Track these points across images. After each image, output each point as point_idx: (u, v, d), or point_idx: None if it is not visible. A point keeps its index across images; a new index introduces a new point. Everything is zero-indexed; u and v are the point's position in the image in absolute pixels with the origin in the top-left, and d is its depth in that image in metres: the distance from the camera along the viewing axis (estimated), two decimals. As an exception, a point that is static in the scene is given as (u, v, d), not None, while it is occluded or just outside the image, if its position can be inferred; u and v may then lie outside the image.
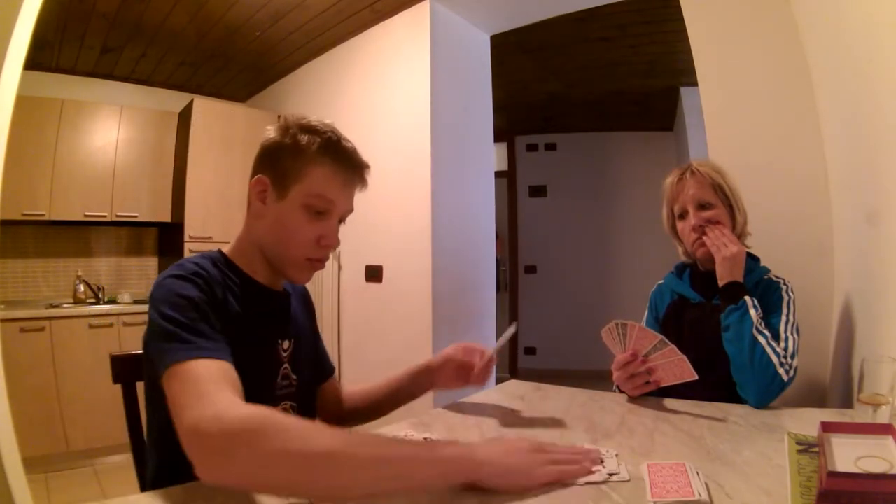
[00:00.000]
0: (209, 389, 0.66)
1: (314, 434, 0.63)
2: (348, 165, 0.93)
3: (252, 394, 0.82)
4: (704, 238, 1.27)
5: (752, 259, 1.33)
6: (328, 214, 0.92)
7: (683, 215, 1.33)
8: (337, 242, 0.96)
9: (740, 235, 1.32)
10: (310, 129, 0.92)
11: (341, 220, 0.97)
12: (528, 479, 0.69)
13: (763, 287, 1.27)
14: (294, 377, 0.98)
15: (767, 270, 1.32)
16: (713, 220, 1.29)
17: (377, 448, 0.64)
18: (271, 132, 0.94)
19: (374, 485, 0.63)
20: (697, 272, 1.37)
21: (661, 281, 1.46)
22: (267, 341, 0.95)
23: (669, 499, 0.65)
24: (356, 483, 0.62)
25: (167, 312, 0.76)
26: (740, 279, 1.21)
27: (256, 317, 0.92)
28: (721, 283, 1.21)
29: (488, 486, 0.67)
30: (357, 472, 0.61)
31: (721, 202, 1.30)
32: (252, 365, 0.86)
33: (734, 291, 1.19)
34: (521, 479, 0.68)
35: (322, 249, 0.94)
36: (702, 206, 1.30)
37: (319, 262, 0.96)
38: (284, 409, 0.95)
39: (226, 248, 0.98)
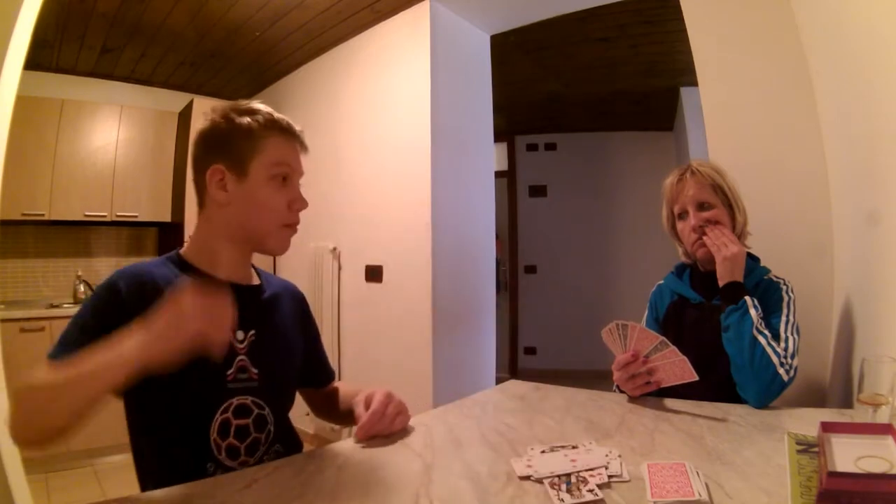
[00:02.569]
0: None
1: (39, 376, 0.76)
2: (293, 132, 0.99)
3: (200, 385, 0.87)
4: (704, 238, 1.27)
5: (752, 259, 1.33)
6: (290, 179, 0.98)
7: (683, 216, 1.33)
8: (306, 203, 1.00)
9: (740, 236, 1.32)
10: (248, 111, 0.97)
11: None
12: (171, 347, 0.72)
13: (763, 287, 1.27)
14: (254, 371, 0.94)
15: (768, 271, 1.32)
16: (713, 220, 1.29)
17: (73, 370, 0.73)
18: (206, 124, 0.99)
19: (81, 398, 0.73)
20: (697, 272, 1.37)
21: (661, 281, 1.46)
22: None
23: (669, 499, 0.65)
24: (72, 399, 0.73)
25: (78, 310, 0.87)
26: (740, 279, 1.21)
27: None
28: (721, 283, 1.21)
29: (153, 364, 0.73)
30: (67, 393, 0.73)
31: (721, 202, 1.30)
32: (194, 359, 0.85)
33: (734, 291, 1.19)
34: (166, 351, 0.72)
35: (294, 213, 0.98)
36: (702, 207, 1.30)
37: (294, 227, 1.00)
38: (242, 404, 0.92)
39: (183, 249, 1.01)
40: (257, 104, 0.98)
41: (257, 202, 0.95)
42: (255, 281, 1.05)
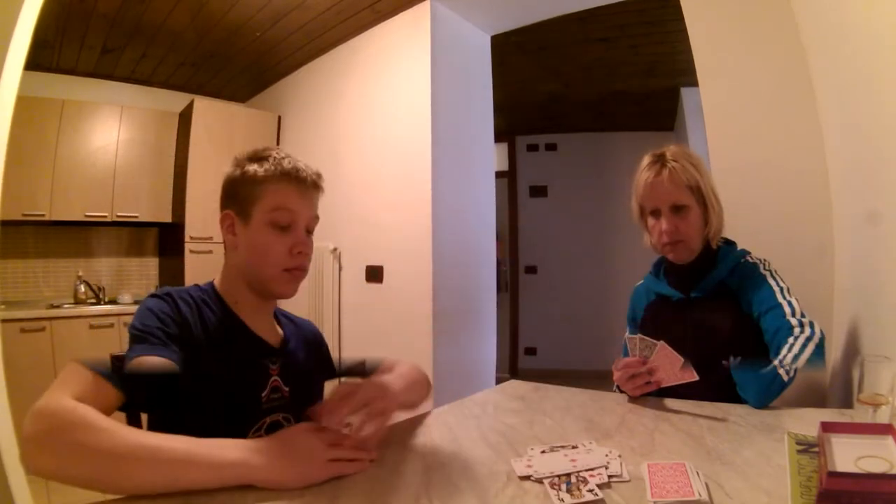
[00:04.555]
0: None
1: (109, 432, 0.68)
2: (298, 176, 0.99)
3: (235, 408, 0.90)
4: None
5: (727, 244, 1.32)
6: (294, 225, 0.99)
7: (656, 213, 1.29)
8: (309, 250, 1.01)
9: (713, 237, 1.28)
10: (257, 158, 1.00)
11: (309, 230, 1.03)
12: (305, 480, 0.72)
13: (741, 270, 1.26)
14: (286, 388, 1.00)
15: (745, 252, 1.30)
16: (682, 227, 1.25)
17: (157, 450, 0.68)
18: (227, 172, 1.02)
19: (152, 483, 0.67)
20: (671, 266, 1.35)
21: (640, 282, 1.45)
22: (245, 359, 0.97)
23: (669, 499, 0.65)
24: (138, 481, 0.67)
25: (133, 322, 0.88)
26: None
27: (234, 346, 0.96)
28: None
29: (266, 487, 0.70)
30: (137, 471, 0.66)
31: (696, 202, 1.26)
32: (233, 381, 0.91)
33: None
34: (298, 481, 0.71)
35: (296, 258, 0.99)
36: (676, 209, 1.25)
37: (299, 272, 1.00)
38: (275, 421, 0.96)
39: (216, 280, 1.04)
40: (275, 150, 1.01)
41: (258, 246, 0.97)
42: (278, 333, 1.08)
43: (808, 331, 1.09)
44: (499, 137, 4.00)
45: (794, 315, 1.11)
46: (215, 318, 0.97)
